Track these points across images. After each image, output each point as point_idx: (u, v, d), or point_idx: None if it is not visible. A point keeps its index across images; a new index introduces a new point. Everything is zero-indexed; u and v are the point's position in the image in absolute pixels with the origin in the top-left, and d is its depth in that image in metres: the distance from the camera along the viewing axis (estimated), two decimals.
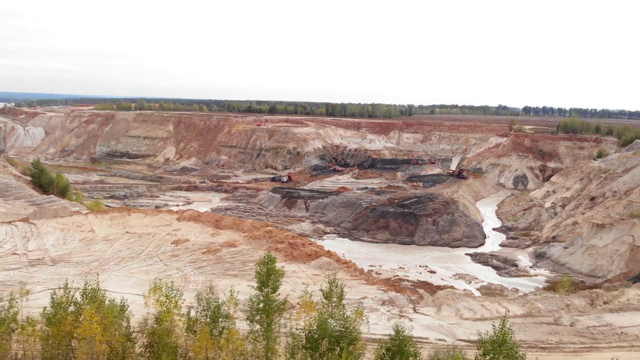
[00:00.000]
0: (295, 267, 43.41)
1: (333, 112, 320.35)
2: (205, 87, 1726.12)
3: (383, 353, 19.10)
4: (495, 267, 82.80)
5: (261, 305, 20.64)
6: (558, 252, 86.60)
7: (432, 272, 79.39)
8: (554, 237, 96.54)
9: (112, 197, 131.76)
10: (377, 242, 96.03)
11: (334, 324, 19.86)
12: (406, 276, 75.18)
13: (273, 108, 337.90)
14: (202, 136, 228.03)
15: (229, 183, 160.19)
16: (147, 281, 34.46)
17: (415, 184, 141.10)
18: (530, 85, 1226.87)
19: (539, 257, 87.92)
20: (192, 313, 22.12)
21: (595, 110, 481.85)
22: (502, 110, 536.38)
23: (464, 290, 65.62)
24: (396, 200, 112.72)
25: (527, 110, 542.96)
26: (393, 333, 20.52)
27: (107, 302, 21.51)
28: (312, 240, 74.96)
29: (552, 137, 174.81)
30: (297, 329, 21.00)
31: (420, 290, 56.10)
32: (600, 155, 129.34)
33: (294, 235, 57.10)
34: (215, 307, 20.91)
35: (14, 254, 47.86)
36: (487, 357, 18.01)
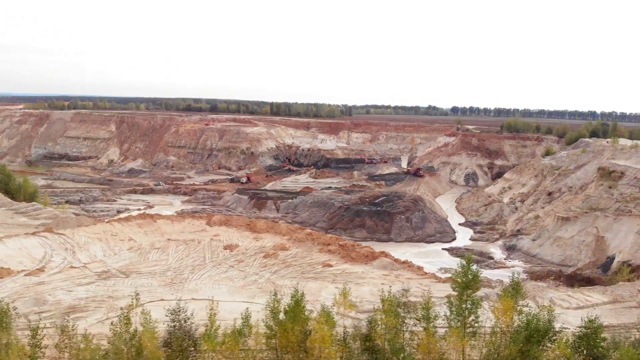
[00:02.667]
0: (361, 269, 43.99)
1: (278, 111, 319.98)
2: (134, 85, 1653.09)
3: (575, 341, 20.81)
4: (473, 261, 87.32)
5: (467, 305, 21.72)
6: (527, 244, 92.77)
7: (419, 267, 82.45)
8: (518, 230, 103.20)
9: (66, 202, 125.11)
10: (355, 241, 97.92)
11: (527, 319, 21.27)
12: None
13: (214, 107, 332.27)
14: (147, 136, 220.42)
15: (186, 185, 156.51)
16: (237, 288, 33.87)
17: (378, 182, 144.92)
18: (456, 86, 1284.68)
19: (509, 249, 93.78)
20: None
21: (517, 109, 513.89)
22: (432, 110, 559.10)
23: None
24: (367, 199, 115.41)
25: (454, 110, 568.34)
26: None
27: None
28: None
29: (497, 136, 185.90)
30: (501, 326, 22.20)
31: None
32: (548, 153, 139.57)
33: (337, 237, 57.48)
34: (425, 307, 21.63)
35: (73, 267, 44.43)
36: None
